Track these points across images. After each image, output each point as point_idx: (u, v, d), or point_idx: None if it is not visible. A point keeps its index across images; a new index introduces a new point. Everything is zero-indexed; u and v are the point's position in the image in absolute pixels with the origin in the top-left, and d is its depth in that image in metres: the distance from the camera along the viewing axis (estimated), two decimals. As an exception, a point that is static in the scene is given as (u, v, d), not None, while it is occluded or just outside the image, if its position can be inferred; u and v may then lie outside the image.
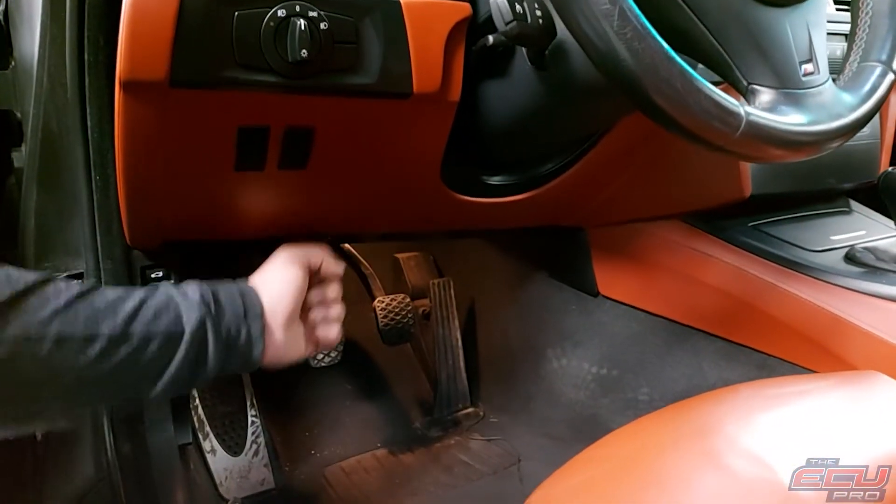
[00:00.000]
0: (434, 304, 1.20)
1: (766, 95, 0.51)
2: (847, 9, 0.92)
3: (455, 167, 0.75)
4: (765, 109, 0.50)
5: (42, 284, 0.43)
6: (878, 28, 0.58)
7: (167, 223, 0.71)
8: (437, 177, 0.74)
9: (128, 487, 0.74)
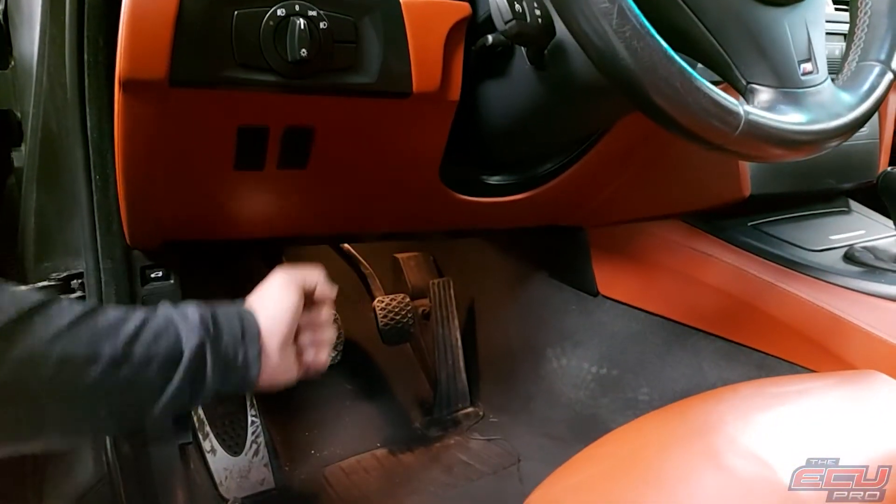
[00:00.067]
0: (434, 304, 1.20)
1: (765, 95, 0.52)
2: (845, 8, 0.92)
3: (455, 167, 0.75)
4: (764, 109, 0.50)
5: (46, 305, 0.43)
6: (877, 27, 0.58)
7: (167, 223, 0.71)
8: (437, 176, 0.74)
9: (128, 487, 0.74)
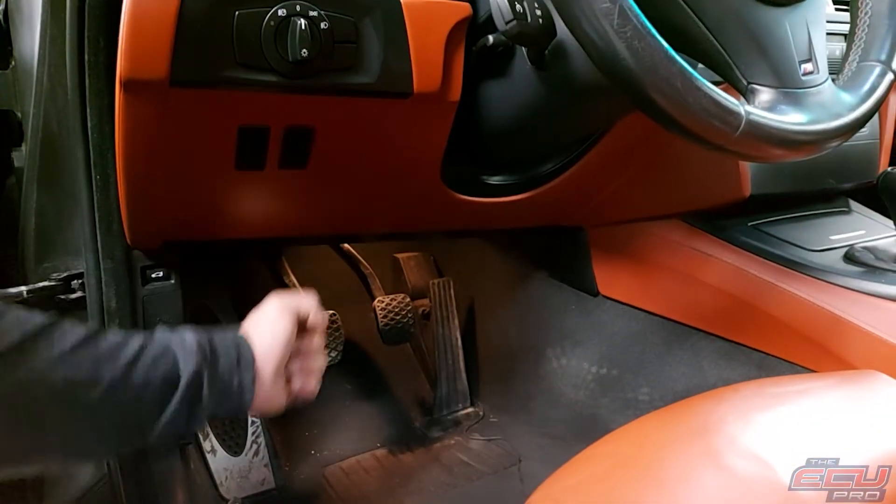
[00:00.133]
0: (434, 304, 1.20)
1: (766, 95, 0.52)
2: (846, 9, 0.92)
3: (455, 167, 0.75)
4: (764, 109, 0.50)
5: (50, 328, 0.44)
6: (878, 28, 0.58)
7: (167, 223, 0.71)
8: (437, 176, 0.74)
9: (128, 487, 0.74)
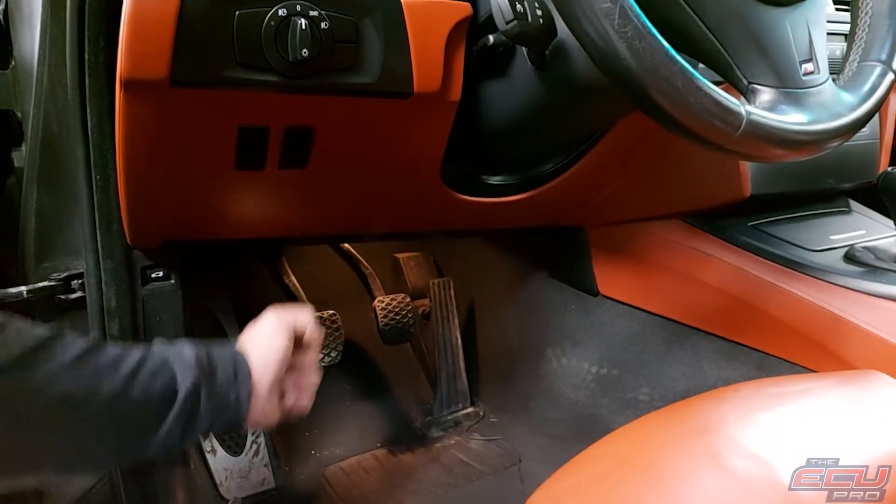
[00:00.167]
0: (434, 304, 1.20)
1: (767, 95, 0.52)
2: (846, 9, 0.92)
3: (455, 167, 0.75)
4: (765, 109, 0.50)
5: (51, 340, 0.44)
6: (878, 28, 0.58)
7: (167, 223, 0.71)
8: (438, 176, 0.74)
9: (128, 487, 0.74)
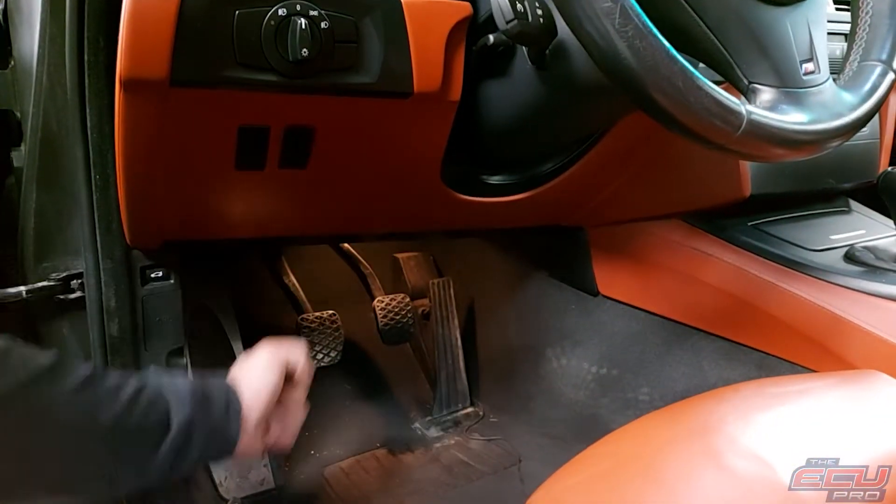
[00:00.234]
0: (434, 304, 1.20)
1: (767, 94, 0.51)
2: (846, 9, 0.92)
3: (455, 167, 0.75)
4: (766, 108, 0.50)
5: (55, 367, 0.45)
6: (879, 27, 0.58)
7: (167, 223, 0.71)
8: (438, 176, 0.74)
9: (128, 487, 0.74)
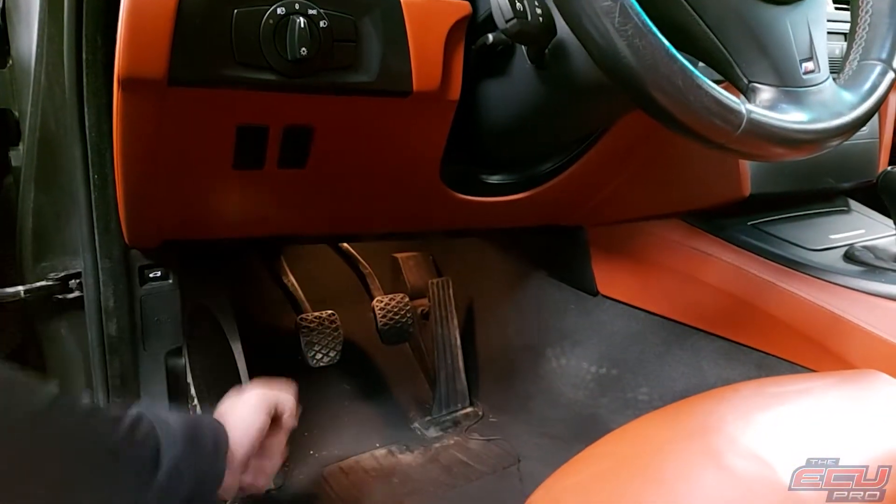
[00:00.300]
0: (433, 304, 1.20)
1: (767, 93, 0.51)
2: (846, 8, 0.92)
3: (454, 166, 0.75)
4: (765, 107, 0.50)
5: (55, 405, 0.46)
6: (879, 26, 0.58)
7: (166, 222, 0.71)
8: (437, 176, 0.74)
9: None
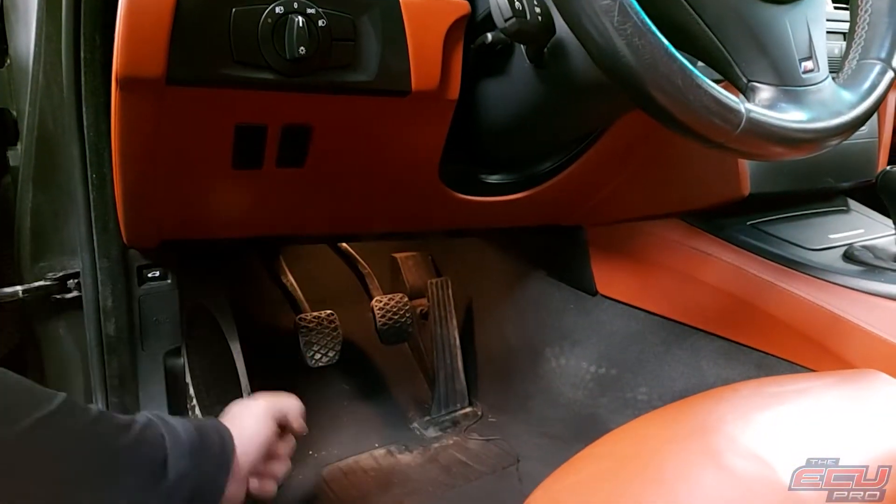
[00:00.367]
0: (432, 304, 1.19)
1: (766, 93, 0.51)
2: (845, 8, 0.92)
3: (453, 166, 0.74)
4: (765, 107, 0.50)
5: (62, 410, 0.46)
6: (878, 26, 0.58)
7: (164, 222, 0.71)
8: (436, 175, 0.74)
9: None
